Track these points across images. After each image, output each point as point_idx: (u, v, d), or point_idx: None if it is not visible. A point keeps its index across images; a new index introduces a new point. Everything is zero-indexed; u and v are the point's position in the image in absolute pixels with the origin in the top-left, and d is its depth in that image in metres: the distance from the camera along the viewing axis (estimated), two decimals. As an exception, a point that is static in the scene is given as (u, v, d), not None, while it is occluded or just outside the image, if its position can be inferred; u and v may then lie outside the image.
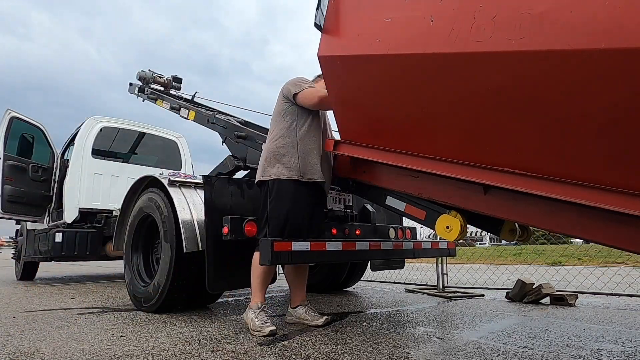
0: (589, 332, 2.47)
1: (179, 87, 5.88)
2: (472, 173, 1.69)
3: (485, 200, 1.76)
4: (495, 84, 1.44)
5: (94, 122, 5.82)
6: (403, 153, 1.95)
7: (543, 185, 1.48)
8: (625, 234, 1.38)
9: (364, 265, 4.45)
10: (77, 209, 5.36)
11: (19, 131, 5.68)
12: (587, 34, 1.18)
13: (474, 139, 1.65)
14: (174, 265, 2.83)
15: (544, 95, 1.35)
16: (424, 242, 3.55)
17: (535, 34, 1.28)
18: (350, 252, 2.62)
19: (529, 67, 1.33)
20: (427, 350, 1.97)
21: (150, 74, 5.69)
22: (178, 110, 4.95)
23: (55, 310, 3.20)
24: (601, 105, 1.24)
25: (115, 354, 1.87)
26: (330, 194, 3.22)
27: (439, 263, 4.69)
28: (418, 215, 2.18)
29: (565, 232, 1.61)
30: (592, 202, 1.37)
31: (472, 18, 1.43)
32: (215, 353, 1.89)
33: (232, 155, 3.99)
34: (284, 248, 2.18)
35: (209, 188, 2.65)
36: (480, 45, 1.41)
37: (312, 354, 1.88)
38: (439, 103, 1.68)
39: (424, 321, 2.77)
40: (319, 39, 2.07)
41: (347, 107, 2.16)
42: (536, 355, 1.93)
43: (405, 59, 1.69)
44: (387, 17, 1.76)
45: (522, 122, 1.45)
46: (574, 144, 1.37)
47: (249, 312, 2.38)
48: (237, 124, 4.06)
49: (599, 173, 1.35)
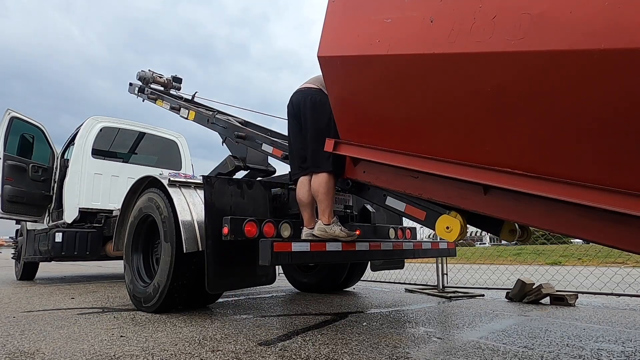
0: (589, 332, 2.47)
1: (179, 87, 5.90)
2: (472, 173, 1.69)
3: (485, 200, 1.76)
4: (495, 84, 1.44)
5: (94, 122, 5.82)
6: (403, 153, 1.95)
7: (543, 186, 1.48)
8: (625, 234, 1.38)
9: (364, 266, 4.45)
10: (77, 209, 5.36)
11: (19, 131, 5.69)
12: (586, 34, 1.18)
13: (474, 139, 1.65)
14: (174, 266, 2.83)
15: (543, 95, 1.35)
16: (424, 242, 3.55)
17: (535, 35, 1.28)
18: (350, 252, 2.62)
19: (529, 67, 1.33)
20: (427, 350, 1.97)
21: (150, 74, 5.71)
22: (178, 110, 4.96)
23: (55, 310, 3.20)
24: (601, 106, 1.24)
25: (115, 354, 1.87)
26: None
27: (439, 263, 4.69)
28: (418, 215, 2.18)
29: (565, 233, 1.61)
30: (592, 202, 1.37)
31: (471, 18, 1.44)
32: (215, 353, 1.89)
33: (232, 156, 4.00)
34: (284, 249, 2.18)
35: (209, 188, 2.65)
36: (480, 46, 1.41)
37: (312, 354, 1.88)
38: (439, 103, 1.68)
39: (424, 321, 2.77)
40: (319, 40, 2.07)
41: (347, 108, 2.16)
42: (536, 355, 1.93)
43: (405, 59, 1.69)
44: (387, 18, 1.76)
45: (522, 122, 1.45)
46: (574, 144, 1.37)
47: (334, 226, 2.48)
48: (237, 124, 4.06)
49: (599, 173, 1.36)
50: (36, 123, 5.92)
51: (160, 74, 5.79)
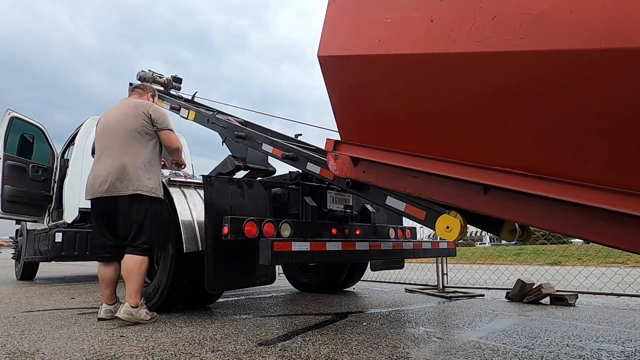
0: (589, 332, 2.47)
1: (179, 87, 5.93)
2: (472, 173, 1.69)
3: (485, 200, 1.76)
4: (495, 84, 1.44)
5: (94, 122, 5.82)
6: (403, 153, 1.95)
7: (543, 185, 1.48)
8: (625, 234, 1.38)
9: (364, 266, 4.45)
10: (77, 209, 5.36)
11: (19, 131, 5.69)
12: (586, 34, 1.18)
13: (474, 139, 1.65)
14: (174, 265, 2.83)
15: (543, 95, 1.35)
16: (424, 242, 3.55)
17: (535, 34, 1.28)
18: (350, 252, 2.63)
19: (529, 67, 1.33)
20: (427, 350, 1.97)
21: (150, 74, 5.75)
22: (178, 110, 4.98)
23: (55, 310, 3.20)
24: (601, 105, 1.24)
25: (115, 354, 1.87)
26: (330, 194, 3.22)
27: (439, 263, 4.69)
28: (418, 215, 2.18)
29: (565, 232, 1.61)
30: (591, 202, 1.37)
31: (472, 18, 1.44)
32: (215, 353, 1.89)
33: (232, 155, 4.00)
34: (284, 248, 2.18)
35: (209, 188, 2.65)
36: (480, 45, 1.41)
37: (312, 354, 1.88)
38: (438, 103, 1.68)
39: (424, 321, 2.77)
40: (319, 39, 2.07)
41: (347, 107, 2.16)
42: (536, 355, 1.93)
43: (405, 59, 1.69)
44: (387, 17, 1.76)
45: (522, 122, 1.45)
46: (574, 144, 1.37)
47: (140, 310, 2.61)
48: (237, 124, 4.06)
49: (599, 173, 1.35)
50: (36, 123, 5.93)
51: (160, 74, 5.82)
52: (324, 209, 3.15)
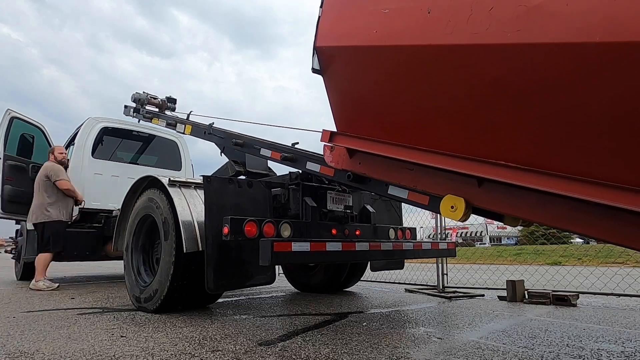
0: (589, 332, 2.47)
1: (173, 108, 6.19)
2: (467, 166, 1.68)
3: (479, 192, 1.76)
4: (490, 76, 1.44)
5: (93, 122, 5.83)
6: (398, 145, 1.94)
7: (536, 179, 1.48)
8: (617, 227, 1.38)
9: (364, 266, 4.45)
10: (77, 209, 5.36)
11: (19, 131, 5.69)
12: (583, 27, 1.18)
13: (469, 131, 1.64)
14: (174, 266, 2.83)
15: (539, 88, 1.35)
16: (423, 242, 3.55)
17: (532, 27, 1.28)
18: (350, 252, 2.62)
19: (525, 59, 1.32)
20: (427, 350, 1.97)
21: (145, 95, 6.01)
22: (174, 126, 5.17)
23: (55, 310, 3.20)
24: (596, 99, 1.24)
25: (115, 354, 1.87)
26: (330, 195, 3.23)
27: (439, 263, 4.69)
28: (421, 200, 2.14)
29: (558, 226, 1.60)
30: (585, 195, 1.36)
31: (469, 10, 1.43)
32: (215, 353, 1.89)
33: (232, 160, 4.03)
34: (284, 248, 2.17)
35: (209, 188, 2.65)
36: (476, 37, 1.41)
37: (312, 354, 1.88)
38: (434, 95, 1.67)
39: (424, 321, 2.77)
40: (316, 30, 2.08)
41: (344, 98, 2.15)
42: (536, 355, 1.93)
43: (401, 50, 1.68)
44: (384, 8, 1.75)
45: (517, 114, 1.45)
46: (568, 138, 1.37)
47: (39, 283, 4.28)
48: (234, 132, 4.11)
49: (592, 167, 1.35)
50: (36, 123, 5.94)
51: (154, 95, 6.10)
52: (324, 209, 3.15)
